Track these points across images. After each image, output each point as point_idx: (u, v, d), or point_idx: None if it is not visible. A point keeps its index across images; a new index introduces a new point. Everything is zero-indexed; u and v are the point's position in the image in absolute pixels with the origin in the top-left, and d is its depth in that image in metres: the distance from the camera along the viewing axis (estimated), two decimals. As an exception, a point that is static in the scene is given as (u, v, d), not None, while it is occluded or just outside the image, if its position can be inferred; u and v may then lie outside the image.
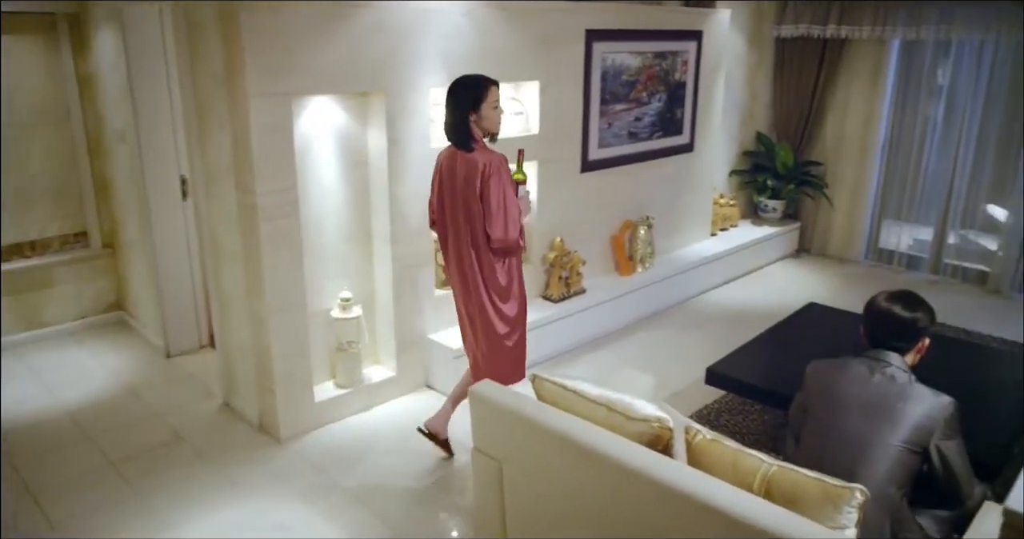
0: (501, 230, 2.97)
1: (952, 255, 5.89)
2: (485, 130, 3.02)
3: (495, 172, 2.94)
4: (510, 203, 2.98)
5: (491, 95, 2.98)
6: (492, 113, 2.99)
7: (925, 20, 5.40)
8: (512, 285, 3.12)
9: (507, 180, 2.99)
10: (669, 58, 4.92)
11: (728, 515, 1.80)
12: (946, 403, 2.12)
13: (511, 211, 2.98)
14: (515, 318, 3.16)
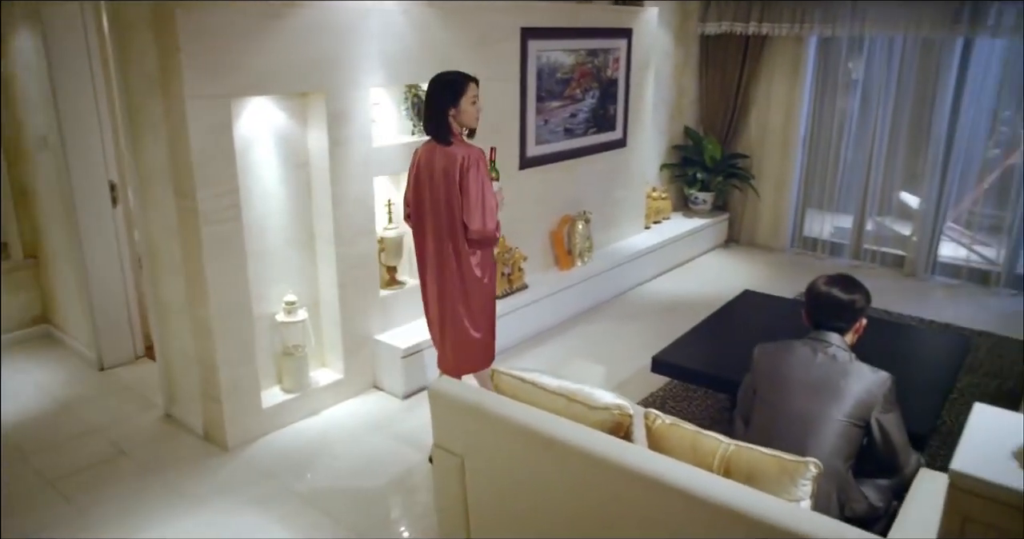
0: (479, 221, 3.01)
1: (871, 241, 6.20)
2: (463, 124, 3.09)
3: (473, 164, 3.00)
4: (488, 195, 3.03)
5: (469, 91, 3.05)
6: (471, 108, 3.06)
7: (840, 18, 5.67)
8: (485, 277, 3.17)
9: (484, 173, 3.04)
10: (601, 56, 5.01)
11: (691, 494, 1.88)
12: (884, 378, 2.25)
13: (488, 203, 3.03)
14: (485, 308, 3.22)
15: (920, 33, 5.43)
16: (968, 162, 5.63)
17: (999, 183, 5.70)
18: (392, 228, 4.00)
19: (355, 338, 3.86)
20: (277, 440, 3.55)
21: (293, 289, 3.65)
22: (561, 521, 2.24)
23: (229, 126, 3.11)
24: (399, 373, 3.89)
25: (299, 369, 3.68)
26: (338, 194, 3.57)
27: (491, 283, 3.24)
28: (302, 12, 3.25)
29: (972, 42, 5.36)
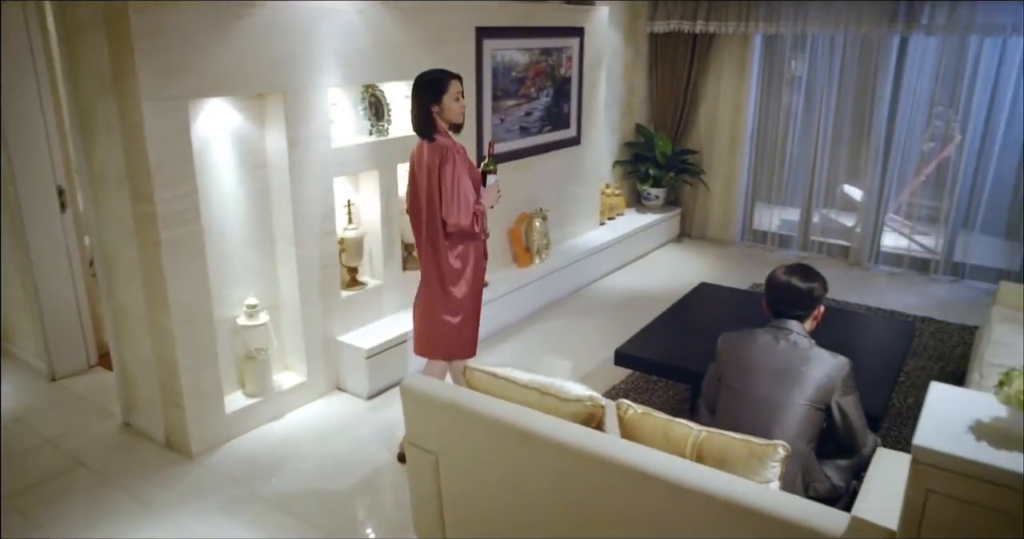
0: (454, 216, 3.09)
1: (817, 233, 6.40)
2: (448, 121, 3.18)
3: (449, 159, 3.07)
4: (462, 190, 3.08)
5: (452, 88, 3.14)
6: (454, 105, 3.14)
7: (783, 16, 5.84)
8: (465, 270, 3.24)
9: (461, 168, 3.09)
10: (554, 54, 5.07)
11: (666, 480, 1.94)
12: (843, 363, 2.35)
13: (463, 197, 3.08)
14: (463, 300, 3.28)
15: (859, 31, 5.63)
16: (907, 155, 5.86)
17: (935, 175, 5.94)
18: (352, 229, 3.99)
19: (317, 340, 3.83)
20: (242, 445, 3.50)
21: (254, 292, 3.61)
22: (537, 514, 2.27)
23: (187, 128, 3.06)
24: (363, 374, 3.88)
25: (262, 373, 3.64)
26: (298, 195, 3.54)
27: (474, 274, 3.29)
28: (258, 12, 3.21)
29: (907, 40, 5.58)
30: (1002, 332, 3.63)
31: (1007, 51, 5.28)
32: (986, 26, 5.15)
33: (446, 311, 3.29)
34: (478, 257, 3.30)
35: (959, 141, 5.62)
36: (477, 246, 3.29)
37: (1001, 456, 1.49)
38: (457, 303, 3.28)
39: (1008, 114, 5.39)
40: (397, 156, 4.03)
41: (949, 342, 4.59)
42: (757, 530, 1.81)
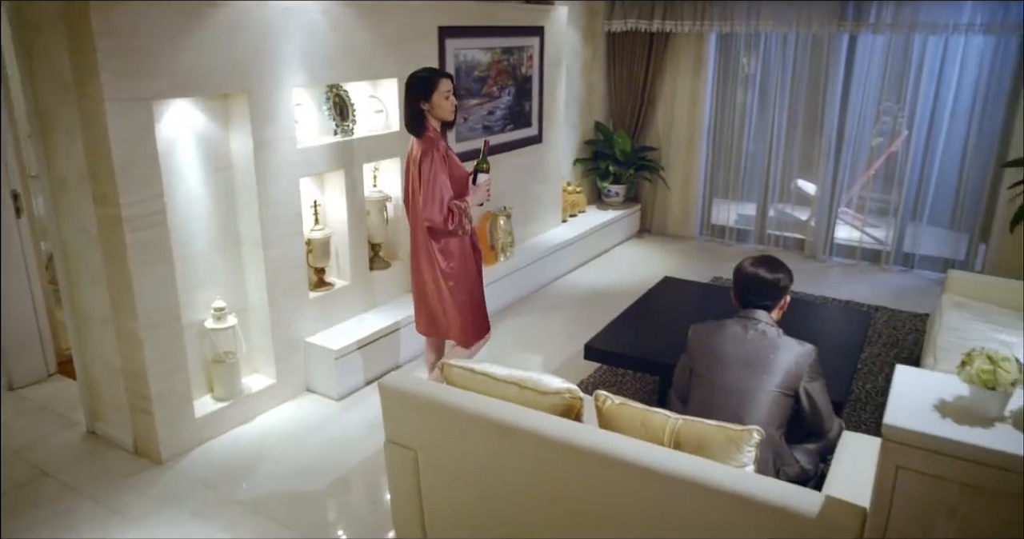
0: (427, 211, 3.21)
1: (774, 227, 6.56)
2: (438, 118, 3.29)
3: (428, 156, 3.17)
4: (437, 186, 3.18)
5: (442, 86, 3.25)
6: (444, 103, 3.25)
7: (737, 15, 5.97)
8: (450, 262, 3.36)
9: (439, 165, 3.18)
10: (516, 53, 5.11)
11: (647, 468, 1.99)
12: (809, 350, 2.44)
13: (437, 194, 3.18)
14: (451, 290, 3.40)
15: (810, 30, 5.79)
16: (858, 150, 6.04)
17: (885, 169, 6.15)
18: (319, 229, 3.97)
19: (286, 342, 3.81)
20: (213, 449, 3.47)
21: (221, 294, 3.57)
22: (518, 507, 2.30)
23: (152, 129, 3.01)
24: (333, 375, 3.87)
25: (231, 376, 3.61)
26: (264, 196, 3.52)
27: (461, 267, 3.39)
28: (222, 12, 3.18)
29: (856, 38, 5.76)
30: (952, 318, 3.78)
31: (949, 48, 5.49)
32: (929, 25, 5.34)
33: (437, 299, 3.45)
34: (464, 251, 3.39)
35: (905, 136, 5.82)
36: (463, 240, 3.36)
37: (966, 432, 1.57)
38: (447, 293, 3.41)
39: (951, 110, 5.60)
40: (362, 156, 4.03)
41: (902, 329, 4.76)
42: (736, 512, 1.88)
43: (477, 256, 3.50)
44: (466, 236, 3.38)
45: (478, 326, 3.55)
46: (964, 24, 5.24)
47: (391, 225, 4.44)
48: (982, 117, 5.52)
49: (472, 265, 3.46)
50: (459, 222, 3.27)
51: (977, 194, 5.68)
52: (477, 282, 3.52)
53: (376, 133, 4.15)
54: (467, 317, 3.48)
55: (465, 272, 3.41)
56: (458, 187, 3.32)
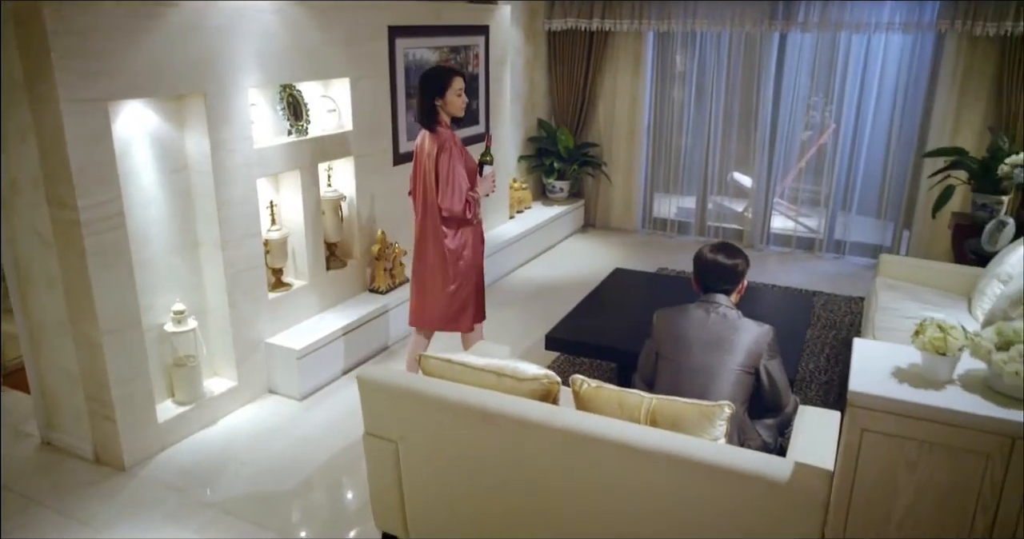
0: (448, 201, 3.38)
1: (713, 218, 6.81)
2: (449, 114, 3.44)
3: (445, 150, 3.36)
4: (456, 178, 3.37)
5: (455, 84, 3.39)
6: (456, 99, 3.41)
7: (673, 15, 6.18)
8: (462, 251, 3.52)
9: (456, 158, 3.34)
10: (462, 52, 5.17)
11: (627, 445, 2.10)
12: (767, 330, 2.59)
13: (456, 185, 3.35)
14: (461, 276, 3.56)
15: (743, 29, 6.04)
16: (790, 144, 6.33)
17: (816, 162, 6.45)
18: (276, 230, 3.96)
19: (247, 343, 3.79)
20: (177, 454, 3.43)
21: (179, 297, 3.53)
22: (500, 492, 2.38)
23: (109, 131, 2.97)
24: (295, 375, 3.87)
25: (192, 380, 3.57)
26: (223, 197, 3.50)
27: (472, 255, 3.57)
28: (176, 12, 3.15)
29: (786, 37, 6.03)
30: (887, 299, 4.03)
31: (871, 46, 5.81)
32: (853, 23, 5.65)
33: (445, 287, 3.55)
34: (475, 240, 3.57)
35: (833, 129, 6.13)
36: (474, 229, 3.55)
37: (922, 394, 1.73)
38: (457, 280, 3.55)
39: (875, 104, 5.93)
40: (317, 155, 4.04)
41: (838, 312, 5.02)
42: (713, 482, 2.00)
43: (482, 247, 3.67)
44: (478, 224, 3.58)
45: (479, 310, 3.73)
46: (884, 23, 5.56)
47: (346, 224, 4.45)
48: (903, 110, 5.86)
49: (479, 255, 3.63)
50: (475, 212, 3.48)
51: (900, 183, 6.03)
52: (481, 269, 3.68)
53: (330, 132, 4.16)
54: (471, 303, 3.64)
55: (474, 260, 3.59)
56: (468, 179, 3.50)
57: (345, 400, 3.91)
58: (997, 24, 5.21)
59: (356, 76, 4.23)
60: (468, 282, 3.60)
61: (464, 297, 3.61)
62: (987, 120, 5.52)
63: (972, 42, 5.44)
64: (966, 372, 1.83)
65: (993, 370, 1.71)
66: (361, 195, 4.43)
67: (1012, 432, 1.64)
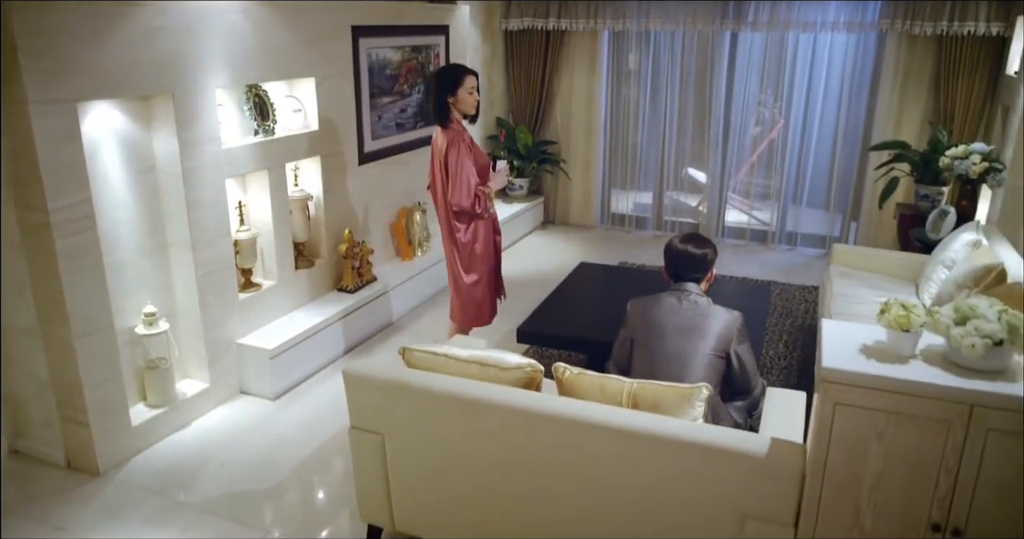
0: (456, 196, 3.51)
1: (669, 213, 6.98)
2: (462, 111, 3.58)
3: (454, 146, 3.49)
4: (465, 174, 3.49)
5: (467, 82, 3.53)
6: (468, 97, 3.54)
7: (628, 14, 6.32)
8: (473, 244, 3.67)
9: (465, 154, 3.44)
10: (423, 52, 5.22)
11: (611, 428, 2.19)
12: (736, 316, 2.71)
13: (463, 180, 3.49)
14: (473, 269, 3.72)
15: (695, 28, 6.21)
16: (742, 140, 6.53)
17: (767, 156, 6.67)
18: (245, 230, 3.95)
19: (218, 344, 3.78)
20: (153, 457, 3.41)
21: (149, 299, 3.51)
22: (489, 479, 2.44)
23: (78, 132, 2.94)
24: (268, 374, 3.87)
25: (165, 382, 3.55)
26: (192, 198, 3.48)
27: (484, 247, 3.70)
28: (142, 12, 3.14)
29: (737, 36, 6.22)
30: (840, 286, 4.22)
31: (818, 44, 6.03)
32: (800, 23, 5.86)
33: (466, 279, 3.74)
34: (487, 233, 3.70)
35: (782, 125, 6.35)
36: (486, 223, 3.67)
37: (888, 368, 1.86)
38: (469, 272, 3.72)
39: (823, 101, 6.16)
40: (284, 155, 4.04)
41: (794, 301, 5.22)
42: (695, 460, 2.11)
43: (498, 239, 3.80)
44: (489, 219, 3.68)
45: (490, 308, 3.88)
46: (830, 22, 5.79)
47: (313, 224, 4.46)
48: (848, 106, 6.10)
49: (494, 247, 3.76)
50: (485, 206, 3.58)
51: (848, 176, 6.28)
52: (493, 260, 3.79)
53: (296, 132, 4.17)
54: (481, 297, 3.77)
55: (486, 252, 3.71)
56: (480, 174, 3.60)
57: (319, 398, 3.93)
58: (934, 24, 5.47)
59: (321, 76, 4.24)
60: (486, 273, 3.74)
61: (483, 289, 3.75)
62: (927, 115, 5.80)
63: (911, 41, 5.71)
64: (927, 347, 1.97)
65: (951, 344, 1.85)
66: (328, 194, 4.45)
67: (970, 400, 1.77)
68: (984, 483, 1.82)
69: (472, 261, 3.71)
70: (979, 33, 5.36)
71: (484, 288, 3.78)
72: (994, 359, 1.81)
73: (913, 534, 1.92)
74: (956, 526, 1.87)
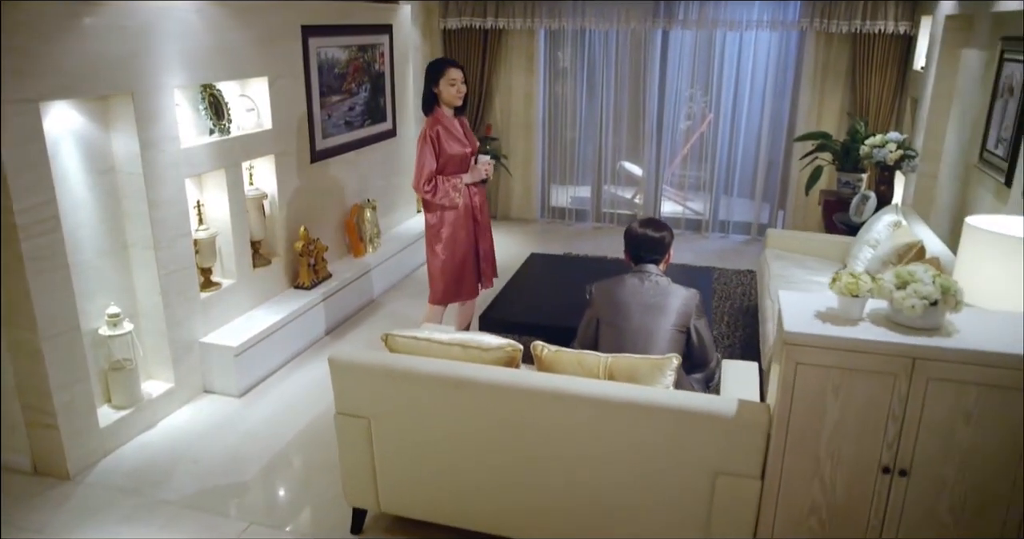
0: (414, 180, 3.83)
1: (608, 206, 7.23)
2: (444, 102, 3.79)
3: (422, 133, 3.74)
4: (420, 160, 3.75)
5: (449, 74, 3.74)
6: (448, 89, 3.75)
7: (563, 13, 6.52)
8: (440, 228, 3.90)
9: (425, 142, 3.66)
10: (369, 51, 5.29)
11: (590, 398, 2.36)
12: (694, 293, 2.92)
13: (418, 167, 3.77)
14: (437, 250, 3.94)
15: (629, 27, 6.46)
16: (675, 134, 6.83)
17: (699, 149, 6.99)
18: (204, 229, 3.96)
19: (182, 344, 3.78)
20: (122, 458, 3.40)
21: (112, 300, 3.49)
22: (474, 456, 2.57)
23: (41, 132, 2.92)
24: (232, 372, 3.89)
25: (130, 383, 3.54)
26: (154, 198, 3.49)
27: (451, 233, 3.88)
28: (100, 11, 3.13)
29: (669, 34, 6.51)
30: (777, 267, 4.52)
31: (744, 42, 6.37)
32: (727, 21, 6.19)
33: (429, 255, 4.00)
34: (459, 220, 3.84)
35: (711, 119, 6.68)
36: (458, 212, 3.82)
37: (841, 330, 2.08)
38: (436, 254, 3.93)
39: (749, 95, 6.51)
40: (240, 154, 4.07)
41: (731, 284, 5.52)
42: (671, 423, 2.30)
43: (474, 227, 3.93)
44: (454, 209, 3.83)
45: (460, 288, 4.01)
46: (755, 21, 6.13)
47: (269, 222, 4.49)
48: (774, 100, 6.47)
49: (463, 233, 3.88)
50: (445, 194, 3.74)
51: (774, 167, 6.65)
52: (468, 245, 3.93)
53: (250, 131, 4.19)
54: (448, 278, 3.93)
55: (454, 236, 3.87)
56: (455, 165, 3.78)
57: (285, 393, 3.98)
58: (848, 22, 5.87)
59: (274, 75, 4.28)
60: (447, 256, 3.91)
61: (448, 270, 3.93)
62: (845, 107, 6.21)
63: (828, 39, 6.10)
64: (872, 310, 2.21)
65: (894, 306, 2.09)
66: (282, 193, 4.49)
67: (912, 354, 2.02)
68: (925, 427, 2.07)
69: (435, 242, 3.93)
70: (888, 31, 5.79)
71: (451, 270, 3.95)
72: (930, 317, 2.06)
73: (866, 477, 2.16)
74: (903, 467, 2.12)
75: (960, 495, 2.11)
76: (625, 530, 2.48)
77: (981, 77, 4.41)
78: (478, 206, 3.97)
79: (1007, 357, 1.96)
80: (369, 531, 2.92)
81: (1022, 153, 3.59)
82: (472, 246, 3.98)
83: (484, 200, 4.04)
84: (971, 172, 4.36)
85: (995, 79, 4.09)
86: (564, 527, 2.55)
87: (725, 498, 2.32)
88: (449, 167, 3.82)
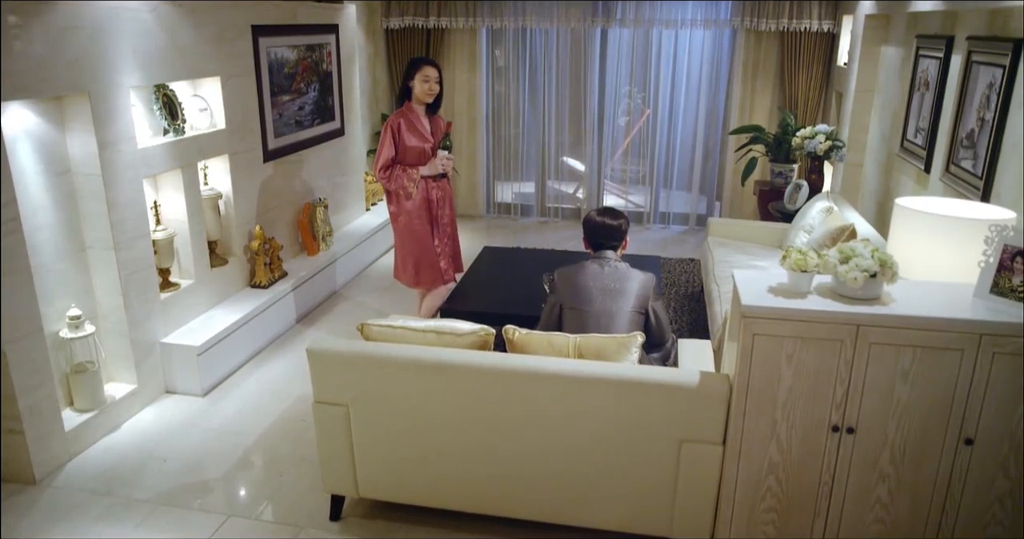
0: (374, 167, 4.02)
1: (552, 201, 7.41)
2: (416, 97, 3.97)
3: (387, 124, 3.95)
4: (383, 149, 3.94)
5: (423, 71, 3.93)
6: (421, 85, 3.94)
7: (505, 13, 6.66)
8: (398, 216, 4.10)
9: (387, 132, 3.85)
10: (317, 50, 5.32)
11: (562, 375, 2.51)
12: (651, 276, 3.10)
13: (379, 155, 3.95)
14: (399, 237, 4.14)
15: (569, 25, 6.65)
16: (615, 130, 7.06)
17: (638, 144, 7.23)
18: (162, 230, 3.95)
19: (143, 345, 3.78)
20: (88, 460, 3.39)
21: (72, 303, 3.47)
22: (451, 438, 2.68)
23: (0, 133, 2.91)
24: (195, 371, 3.90)
25: (93, 386, 3.52)
26: (112, 199, 3.48)
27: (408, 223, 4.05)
28: (53, 11, 3.11)
29: (607, 32, 6.72)
30: (719, 254, 4.76)
31: (679, 40, 6.64)
32: (663, 20, 6.44)
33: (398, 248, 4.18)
34: (414, 211, 4.01)
35: (648, 115, 6.92)
36: (414, 203, 3.99)
37: (793, 302, 2.28)
38: (397, 239, 4.14)
39: (685, 91, 6.78)
40: (195, 154, 4.07)
41: (676, 272, 5.77)
42: (639, 395, 2.46)
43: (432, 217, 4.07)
44: (409, 199, 3.96)
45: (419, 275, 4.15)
46: (689, 20, 6.40)
47: (224, 222, 4.49)
48: (709, 96, 6.75)
49: (419, 222, 4.02)
50: (399, 183, 3.91)
51: (711, 159, 6.94)
52: (424, 236, 4.05)
53: (204, 131, 4.19)
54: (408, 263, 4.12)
55: (410, 226, 4.02)
56: (413, 157, 3.94)
57: (250, 389, 4.01)
58: (776, 21, 6.19)
59: (226, 75, 4.29)
60: (405, 243, 4.08)
61: (407, 256, 4.10)
62: (775, 101, 6.53)
63: (758, 37, 6.42)
64: (818, 284, 2.42)
65: (838, 279, 2.31)
66: (237, 192, 4.50)
67: (856, 321, 2.23)
68: (869, 387, 2.28)
69: (394, 230, 4.15)
70: (813, 30, 6.13)
71: (410, 256, 4.12)
72: (871, 288, 2.28)
73: (818, 436, 2.36)
74: (850, 425, 2.33)
75: (900, 448, 2.33)
76: (599, 497, 2.63)
77: (900, 72, 4.74)
78: (435, 201, 4.07)
79: (938, 321, 2.19)
80: (348, 517, 3.00)
81: (939, 141, 3.90)
82: (429, 238, 4.09)
83: (446, 196, 4.14)
84: (893, 160, 4.69)
85: (912, 74, 4.42)
86: (540, 499, 2.69)
87: (690, 463, 2.50)
88: (407, 159, 3.99)
